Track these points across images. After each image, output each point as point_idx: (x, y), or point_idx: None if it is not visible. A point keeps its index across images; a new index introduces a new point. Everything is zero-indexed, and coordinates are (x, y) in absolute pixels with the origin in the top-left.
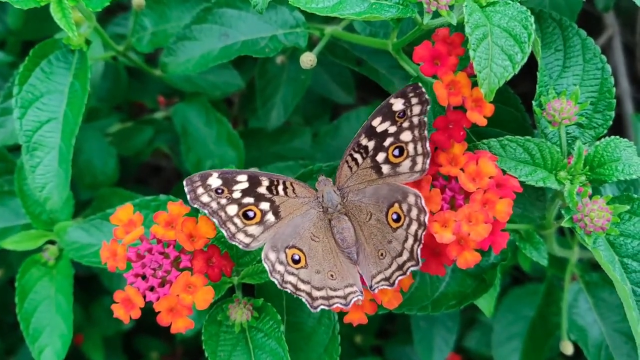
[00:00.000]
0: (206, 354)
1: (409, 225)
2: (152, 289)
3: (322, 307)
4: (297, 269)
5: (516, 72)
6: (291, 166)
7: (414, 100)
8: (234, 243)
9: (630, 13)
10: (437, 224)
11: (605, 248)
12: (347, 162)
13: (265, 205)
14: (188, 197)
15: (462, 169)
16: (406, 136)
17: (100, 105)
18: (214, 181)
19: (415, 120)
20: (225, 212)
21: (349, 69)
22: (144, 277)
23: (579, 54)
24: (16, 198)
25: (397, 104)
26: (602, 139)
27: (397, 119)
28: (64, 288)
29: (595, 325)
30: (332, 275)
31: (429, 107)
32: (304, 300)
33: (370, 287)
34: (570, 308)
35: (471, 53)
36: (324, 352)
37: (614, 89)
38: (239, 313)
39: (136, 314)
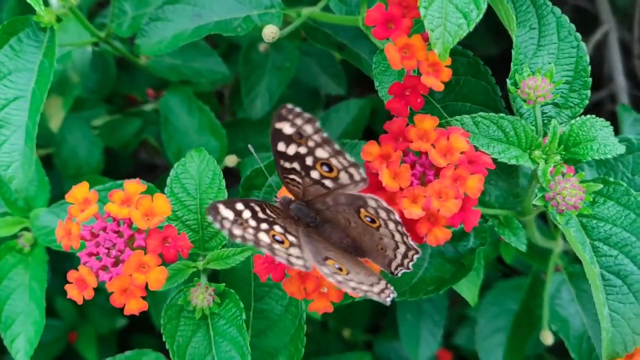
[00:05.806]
0: (164, 338)
1: (387, 224)
2: (105, 268)
3: (390, 297)
4: (346, 275)
5: (471, 30)
6: None
7: (299, 122)
8: (297, 269)
9: (626, 10)
10: (406, 200)
11: (577, 230)
12: (287, 184)
13: (278, 228)
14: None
15: (433, 145)
16: (321, 153)
17: (89, 96)
18: (226, 212)
19: (317, 138)
20: (264, 241)
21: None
22: (98, 256)
23: (553, 32)
24: None
25: (286, 129)
26: (578, 118)
27: (298, 141)
28: (38, 274)
29: (577, 316)
30: (365, 274)
31: (317, 123)
32: (380, 300)
33: (391, 273)
34: (553, 299)
35: (422, 11)
36: (289, 342)
37: (589, 68)
38: (200, 298)
39: (89, 294)
